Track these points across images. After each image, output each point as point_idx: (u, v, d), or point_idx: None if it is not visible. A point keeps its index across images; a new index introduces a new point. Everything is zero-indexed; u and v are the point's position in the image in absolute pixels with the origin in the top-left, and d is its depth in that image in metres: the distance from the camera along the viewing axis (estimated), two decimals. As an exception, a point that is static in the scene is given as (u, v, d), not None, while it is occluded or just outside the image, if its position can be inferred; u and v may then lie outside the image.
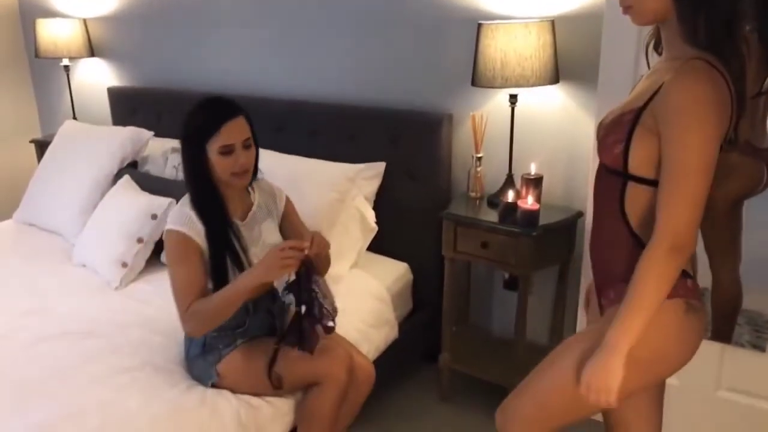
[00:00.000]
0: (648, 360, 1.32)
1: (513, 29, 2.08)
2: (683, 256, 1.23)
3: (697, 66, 1.20)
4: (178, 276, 1.73)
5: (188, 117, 1.75)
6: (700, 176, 1.19)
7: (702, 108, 1.18)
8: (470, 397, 2.50)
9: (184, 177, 1.79)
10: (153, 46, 3.38)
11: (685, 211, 1.20)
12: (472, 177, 2.43)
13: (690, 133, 1.18)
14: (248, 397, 1.82)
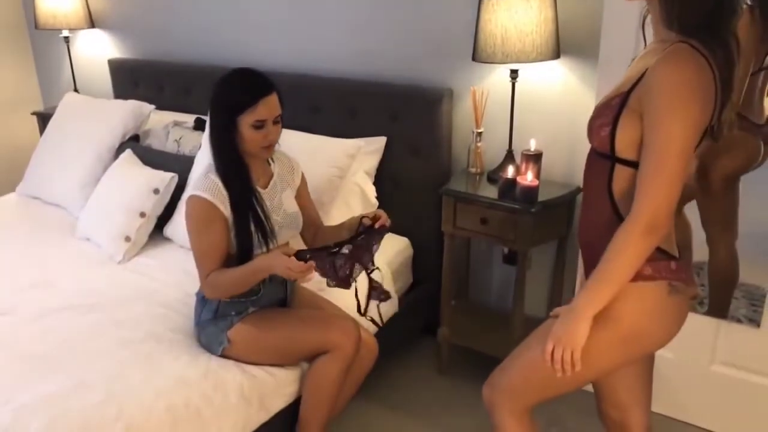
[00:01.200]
0: (629, 338, 1.37)
1: (514, 4, 2.06)
2: (657, 236, 1.25)
3: (681, 50, 1.21)
4: (201, 242, 1.77)
5: (222, 87, 1.77)
6: (678, 159, 1.20)
7: (684, 92, 1.19)
8: (468, 370, 2.54)
9: (210, 143, 1.81)
10: (154, 18, 3.36)
11: (661, 192, 1.21)
12: (472, 152, 2.43)
13: (671, 116, 1.19)
14: (252, 369, 1.86)
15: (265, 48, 2.99)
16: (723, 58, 1.23)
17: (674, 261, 1.34)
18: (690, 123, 1.20)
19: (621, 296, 1.33)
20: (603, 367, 1.45)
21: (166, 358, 1.83)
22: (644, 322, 1.36)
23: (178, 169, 2.53)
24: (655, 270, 1.32)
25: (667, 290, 1.33)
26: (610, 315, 1.35)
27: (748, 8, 1.87)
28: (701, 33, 1.22)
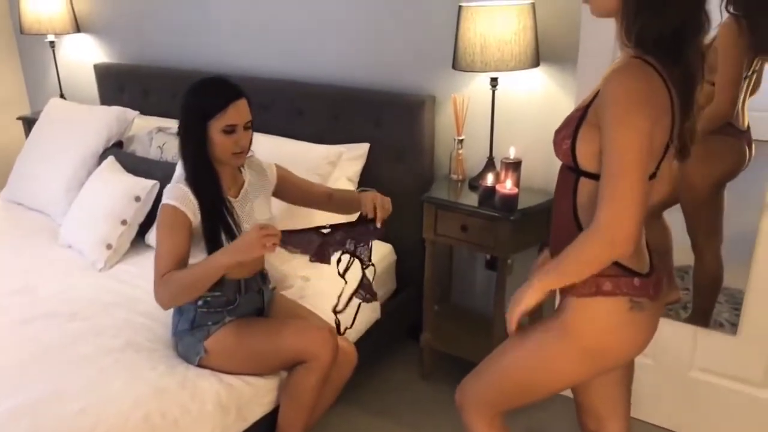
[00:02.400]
0: (593, 353, 1.38)
1: (493, 12, 2.07)
2: (618, 250, 1.24)
3: (631, 64, 1.23)
4: (163, 245, 1.77)
5: (191, 94, 1.78)
6: (634, 170, 1.19)
7: (632, 103, 1.19)
8: (451, 375, 2.54)
9: (180, 153, 1.82)
10: (140, 23, 3.36)
11: (620, 204, 1.20)
12: (453, 159, 2.44)
13: (622, 127, 1.19)
14: (229, 379, 1.86)
15: (250, 53, 2.99)
16: (681, 76, 1.24)
17: (638, 278, 1.34)
18: (640, 133, 1.19)
19: (580, 311, 1.36)
20: (569, 379, 1.47)
21: (144, 366, 1.83)
22: (604, 337, 1.37)
23: (161, 176, 2.53)
24: (615, 286, 1.32)
25: (627, 306, 1.34)
26: (572, 330, 1.37)
27: (734, 18, 1.89)
28: (658, 50, 1.22)
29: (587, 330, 1.36)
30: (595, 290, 1.33)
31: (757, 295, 2.04)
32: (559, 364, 1.41)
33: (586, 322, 1.36)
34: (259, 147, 2.27)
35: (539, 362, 1.44)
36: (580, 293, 1.35)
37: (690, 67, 1.25)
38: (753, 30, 1.91)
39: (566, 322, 1.38)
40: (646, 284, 1.35)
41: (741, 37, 1.92)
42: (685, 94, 1.27)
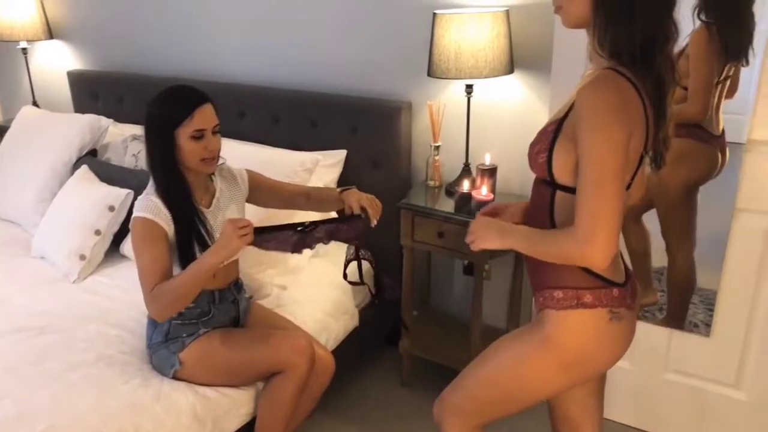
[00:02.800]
0: (573, 364, 1.39)
1: (467, 20, 2.08)
2: (588, 264, 1.25)
3: (604, 75, 1.24)
4: (144, 259, 1.74)
5: (155, 104, 1.77)
6: (610, 181, 1.19)
7: (606, 115, 1.19)
8: (430, 382, 2.54)
9: (148, 165, 1.80)
10: (114, 29, 3.32)
11: (596, 221, 1.20)
12: (430, 166, 2.45)
13: (596, 139, 1.19)
14: (205, 391, 1.84)
15: (226, 59, 2.98)
16: (653, 84, 1.25)
17: (617, 288, 1.35)
18: (616, 145, 1.19)
19: (561, 324, 1.36)
20: (549, 389, 1.47)
21: (117, 381, 1.80)
22: (586, 349, 1.37)
23: (136, 185, 2.49)
24: (595, 298, 1.33)
25: (606, 318, 1.34)
26: (553, 342, 1.37)
27: (705, 25, 1.92)
28: (630, 60, 1.23)
29: (568, 342, 1.36)
30: (576, 303, 1.33)
31: (729, 296, 2.07)
32: (540, 375, 1.41)
33: (567, 334, 1.36)
34: (235, 154, 2.26)
35: (519, 374, 1.44)
36: (561, 306, 1.35)
37: (661, 75, 1.26)
38: (722, 36, 1.94)
39: (547, 334, 1.37)
40: (624, 294, 1.36)
41: (711, 43, 1.95)
42: (658, 103, 1.28)
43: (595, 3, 1.23)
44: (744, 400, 2.12)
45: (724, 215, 2.02)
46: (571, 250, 1.24)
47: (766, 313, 2.02)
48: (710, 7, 1.92)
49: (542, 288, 1.39)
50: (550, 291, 1.36)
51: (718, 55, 1.96)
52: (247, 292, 2.10)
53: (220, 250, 1.66)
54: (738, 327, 2.07)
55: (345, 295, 2.40)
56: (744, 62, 1.95)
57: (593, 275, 1.32)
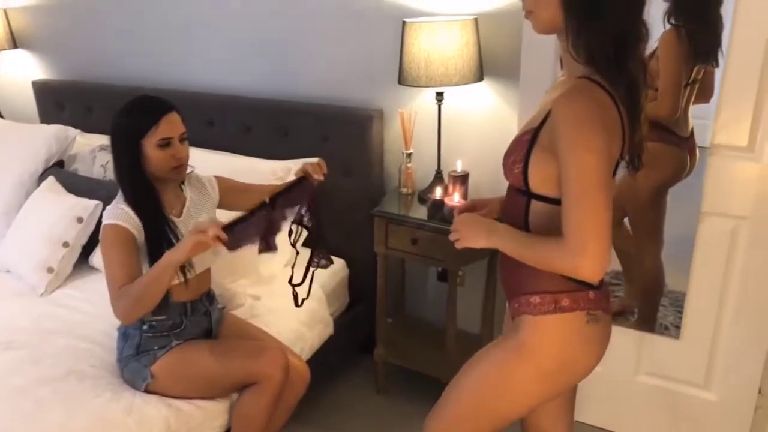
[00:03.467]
0: (554, 371, 1.37)
1: (436, 28, 2.09)
2: (580, 277, 1.22)
3: (580, 85, 1.23)
4: (113, 263, 1.71)
5: (121, 114, 1.76)
6: (598, 190, 1.18)
7: (587, 124, 1.19)
8: (406, 389, 2.55)
9: (116, 176, 1.79)
10: (80, 38, 3.27)
11: (586, 235, 1.18)
12: (403, 173, 2.45)
13: (580, 150, 1.18)
14: (178, 403, 1.81)
15: (196, 68, 2.95)
16: (626, 90, 1.25)
17: (593, 291, 1.34)
18: (599, 153, 1.18)
19: (540, 329, 1.34)
20: (532, 399, 1.42)
21: (87, 395, 1.77)
22: (564, 353, 1.36)
23: (104, 196, 2.45)
24: (573, 301, 1.32)
25: (585, 320, 1.33)
26: (530, 348, 1.35)
27: (674, 28, 1.96)
28: (605, 64, 1.22)
29: (546, 348, 1.34)
30: (554, 307, 1.32)
31: (697, 298, 2.11)
32: (521, 384, 1.38)
33: (545, 339, 1.34)
34: (205, 163, 2.24)
35: (501, 386, 1.40)
36: (538, 311, 1.33)
37: (634, 78, 1.25)
38: (691, 39, 1.98)
39: (524, 341, 1.36)
40: (600, 296, 1.35)
41: (680, 45, 1.98)
42: (632, 106, 1.27)
43: (565, 6, 1.22)
44: (714, 400, 2.16)
45: (692, 218, 2.06)
46: (562, 263, 1.22)
47: (733, 314, 2.06)
48: (679, 11, 1.96)
49: (518, 294, 1.38)
50: (527, 297, 1.35)
51: (687, 57, 2.00)
52: (220, 302, 2.08)
53: (184, 246, 1.60)
54: (706, 328, 2.11)
55: (319, 304, 2.39)
56: (714, 64, 1.99)
57: (570, 279, 1.30)
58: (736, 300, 2.04)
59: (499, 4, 2.21)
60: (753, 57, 1.84)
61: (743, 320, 2.05)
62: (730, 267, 2.03)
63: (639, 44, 1.26)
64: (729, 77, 1.89)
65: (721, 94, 1.91)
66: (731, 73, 1.88)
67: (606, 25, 1.20)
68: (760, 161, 1.91)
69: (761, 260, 1.98)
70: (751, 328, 2.04)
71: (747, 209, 1.96)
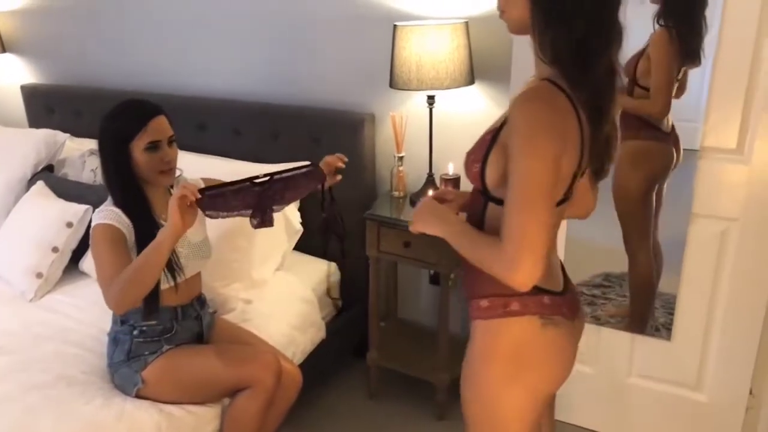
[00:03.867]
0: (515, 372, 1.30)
1: (427, 32, 2.10)
2: (512, 285, 1.17)
3: (540, 87, 1.20)
4: (104, 261, 1.68)
5: (108, 119, 1.75)
6: (539, 196, 1.15)
7: (537, 129, 1.15)
8: (399, 393, 2.55)
9: (104, 181, 1.78)
10: (69, 42, 3.25)
11: (521, 244, 1.14)
12: (394, 176, 2.46)
13: (526, 153, 1.15)
14: (170, 408, 1.80)
15: (186, 72, 2.94)
16: (590, 94, 1.20)
17: (548, 296, 1.28)
18: (544, 161, 1.14)
19: (490, 334, 1.30)
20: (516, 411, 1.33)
21: (77, 401, 1.75)
22: (524, 356, 1.29)
23: (94, 200, 2.42)
24: (522, 305, 1.27)
25: (539, 324, 1.28)
26: (485, 354, 1.31)
27: (665, 28, 1.98)
28: (569, 65, 1.19)
29: (499, 353, 1.29)
30: (502, 311, 1.27)
31: (688, 299, 2.12)
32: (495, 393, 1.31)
33: (498, 341, 1.29)
34: (196, 167, 2.24)
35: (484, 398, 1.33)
36: (488, 315, 1.30)
37: (599, 82, 1.20)
38: (680, 40, 2.00)
39: (480, 348, 1.32)
40: (558, 303, 1.30)
41: (672, 45, 2.00)
42: (595, 112, 1.22)
43: (532, 4, 1.18)
44: (705, 401, 2.17)
45: (682, 220, 2.07)
46: (495, 268, 1.18)
47: (723, 316, 2.07)
48: (668, 14, 1.99)
49: (471, 298, 1.34)
50: (477, 301, 1.31)
51: (677, 57, 2.03)
52: (212, 306, 2.07)
53: (169, 227, 1.54)
54: (697, 330, 2.12)
55: (311, 308, 2.38)
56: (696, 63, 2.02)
57: None
58: (727, 301, 2.06)
59: (490, 8, 2.22)
60: (741, 60, 1.86)
61: (734, 321, 2.06)
62: (721, 268, 2.05)
63: (609, 47, 1.20)
64: (717, 80, 1.90)
65: (709, 97, 1.93)
66: (720, 76, 1.90)
67: (572, 25, 1.15)
68: (749, 163, 1.92)
69: (751, 261, 1.99)
70: (741, 329, 2.05)
71: (737, 211, 1.97)
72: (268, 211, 1.64)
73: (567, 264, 1.46)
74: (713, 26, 1.89)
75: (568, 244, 2.20)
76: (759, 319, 2.02)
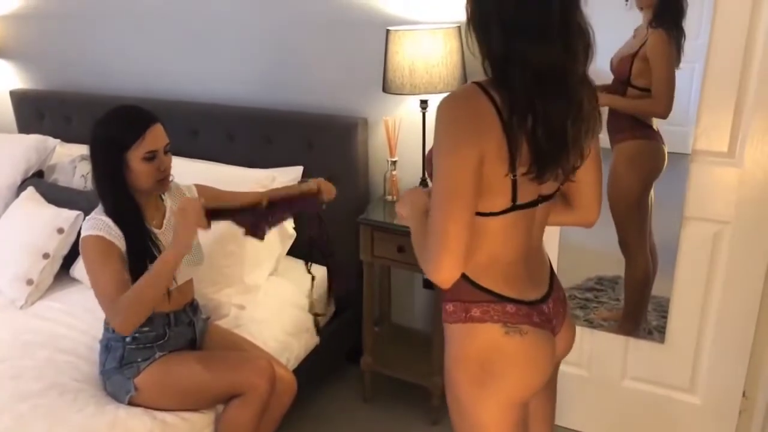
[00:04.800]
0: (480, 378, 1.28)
1: (420, 36, 2.10)
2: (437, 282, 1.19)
3: (463, 89, 1.20)
4: (102, 275, 1.67)
5: (102, 127, 1.73)
6: (447, 204, 1.14)
7: (451, 130, 1.15)
8: (394, 397, 2.54)
9: (97, 189, 1.76)
10: (59, 47, 3.23)
11: (436, 245, 1.15)
12: (388, 181, 2.45)
13: (440, 155, 1.16)
14: (163, 415, 1.79)
15: (177, 77, 2.93)
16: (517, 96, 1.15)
17: (512, 304, 1.26)
18: (459, 158, 1.14)
19: (455, 338, 1.29)
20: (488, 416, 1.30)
21: (69, 410, 1.73)
22: (482, 363, 1.27)
23: (85, 206, 2.41)
24: (483, 312, 1.26)
25: (501, 332, 1.25)
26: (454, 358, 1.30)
27: (663, 29, 1.99)
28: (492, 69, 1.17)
29: (464, 356, 1.28)
30: (465, 317, 1.27)
31: (681, 302, 2.13)
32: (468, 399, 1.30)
33: (463, 345, 1.28)
34: (189, 173, 2.23)
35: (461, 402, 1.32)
36: (452, 319, 1.29)
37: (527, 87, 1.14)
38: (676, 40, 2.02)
39: (449, 351, 1.31)
40: (524, 312, 1.27)
41: (671, 45, 2.02)
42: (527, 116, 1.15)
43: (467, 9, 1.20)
44: (698, 403, 2.18)
45: (674, 224, 2.07)
46: (424, 267, 1.21)
47: (716, 318, 2.08)
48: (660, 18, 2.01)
49: (442, 301, 1.33)
50: (444, 303, 1.31)
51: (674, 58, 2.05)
52: (204, 312, 2.06)
53: (178, 239, 1.63)
54: (690, 332, 2.13)
55: (305, 313, 2.37)
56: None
57: (481, 289, 1.26)
58: (720, 304, 2.07)
59: (482, 13, 2.22)
60: (732, 63, 1.87)
61: (727, 324, 2.07)
62: (713, 271, 2.06)
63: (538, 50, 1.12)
64: (708, 84, 1.92)
65: (701, 101, 1.94)
66: (711, 80, 1.91)
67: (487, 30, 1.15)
68: (741, 166, 1.94)
69: (743, 264, 2.00)
70: (734, 331, 2.06)
71: (729, 214, 1.99)
72: (261, 226, 1.77)
73: (559, 267, 1.45)
74: (701, 33, 1.91)
75: (560, 248, 2.21)
76: (752, 321, 2.03)
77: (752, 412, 2.13)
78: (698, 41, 1.93)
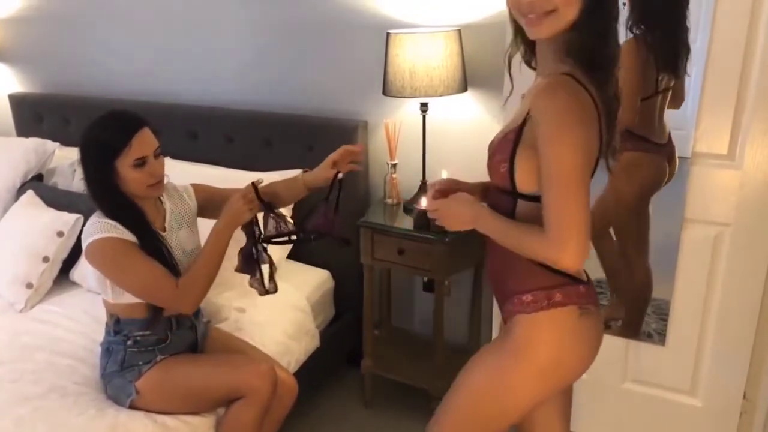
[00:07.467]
0: (549, 368, 1.36)
1: (420, 39, 2.11)
2: (561, 267, 1.24)
3: (561, 80, 1.24)
4: (142, 271, 1.68)
5: (90, 136, 1.70)
6: (577, 183, 1.20)
7: (567, 118, 1.20)
8: (394, 401, 2.54)
9: (92, 198, 1.74)
10: (58, 49, 3.23)
11: (566, 227, 1.20)
12: (388, 184, 2.46)
13: (559, 142, 1.20)
14: (164, 419, 1.78)
15: (175, 80, 2.93)
16: (605, 92, 1.28)
17: (582, 285, 1.35)
18: (579, 147, 1.20)
19: (535, 327, 1.34)
20: (523, 403, 1.41)
21: (70, 413, 1.73)
22: (563, 348, 1.35)
23: (85, 210, 2.39)
24: (565, 296, 1.32)
25: (577, 314, 1.34)
26: (525, 347, 1.35)
27: (634, 37, 1.99)
28: (590, 67, 1.25)
29: (543, 344, 1.34)
30: (547, 303, 1.32)
31: (681, 305, 2.12)
32: (518, 386, 1.37)
33: (541, 336, 1.34)
34: (187, 175, 2.22)
35: (498, 390, 1.40)
36: (532, 308, 1.33)
37: (616, 87, 1.29)
38: (653, 48, 2.01)
39: (520, 341, 1.35)
40: (589, 291, 1.37)
41: (639, 54, 2.00)
42: (610, 106, 1.29)
43: (591, 6, 1.21)
44: (699, 406, 2.17)
45: (675, 226, 2.08)
46: (545, 255, 1.24)
47: (717, 320, 2.08)
48: (639, 21, 1.99)
49: (510, 296, 1.38)
50: (519, 296, 1.35)
51: (647, 64, 2.03)
52: (205, 316, 2.05)
53: (228, 221, 1.76)
54: (691, 335, 2.13)
55: (305, 316, 2.37)
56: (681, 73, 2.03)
57: (559, 273, 1.31)
58: (720, 306, 2.07)
59: (482, 16, 2.23)
60: (732, 65, 1.87)
61: (727, 326, 2.07)
62: (714, 273, 2.06)
63: (619, 52, 1.31)
64: (708, 86, 1.92)
65: (701, 103, 1.94)
66: (710, 82, 1.91)
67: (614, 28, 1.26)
68: (741, 168, 1.94)
69: (744, 266, 2.00)
70: (735, 333, 2.06)
71: (729, 216, 1.99)
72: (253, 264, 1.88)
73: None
74: (699, 36, 1.91)
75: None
76: (752, 323, 2.04)
77: (753, 414, 2.13)
78: (696, 45, 1.94)
